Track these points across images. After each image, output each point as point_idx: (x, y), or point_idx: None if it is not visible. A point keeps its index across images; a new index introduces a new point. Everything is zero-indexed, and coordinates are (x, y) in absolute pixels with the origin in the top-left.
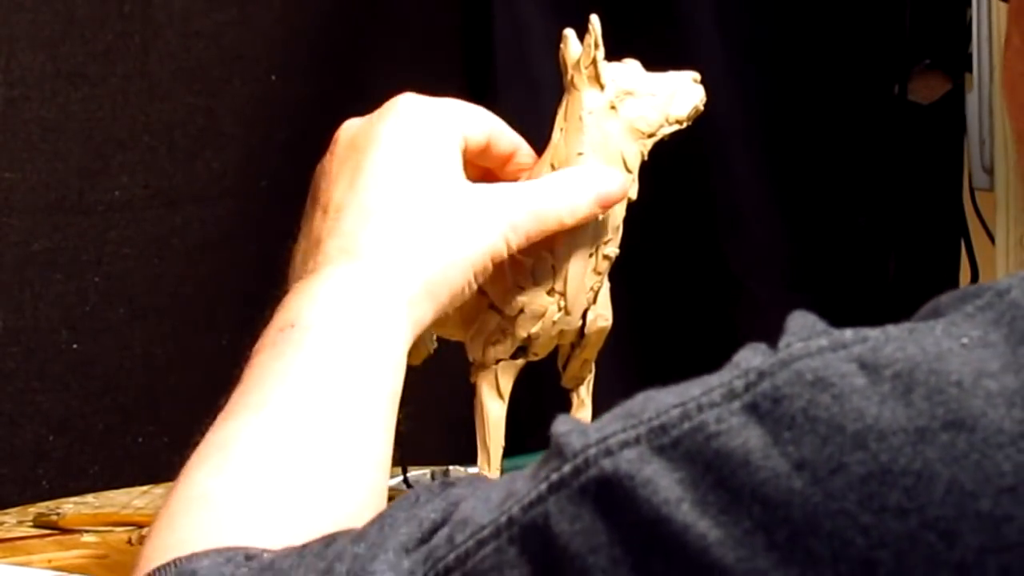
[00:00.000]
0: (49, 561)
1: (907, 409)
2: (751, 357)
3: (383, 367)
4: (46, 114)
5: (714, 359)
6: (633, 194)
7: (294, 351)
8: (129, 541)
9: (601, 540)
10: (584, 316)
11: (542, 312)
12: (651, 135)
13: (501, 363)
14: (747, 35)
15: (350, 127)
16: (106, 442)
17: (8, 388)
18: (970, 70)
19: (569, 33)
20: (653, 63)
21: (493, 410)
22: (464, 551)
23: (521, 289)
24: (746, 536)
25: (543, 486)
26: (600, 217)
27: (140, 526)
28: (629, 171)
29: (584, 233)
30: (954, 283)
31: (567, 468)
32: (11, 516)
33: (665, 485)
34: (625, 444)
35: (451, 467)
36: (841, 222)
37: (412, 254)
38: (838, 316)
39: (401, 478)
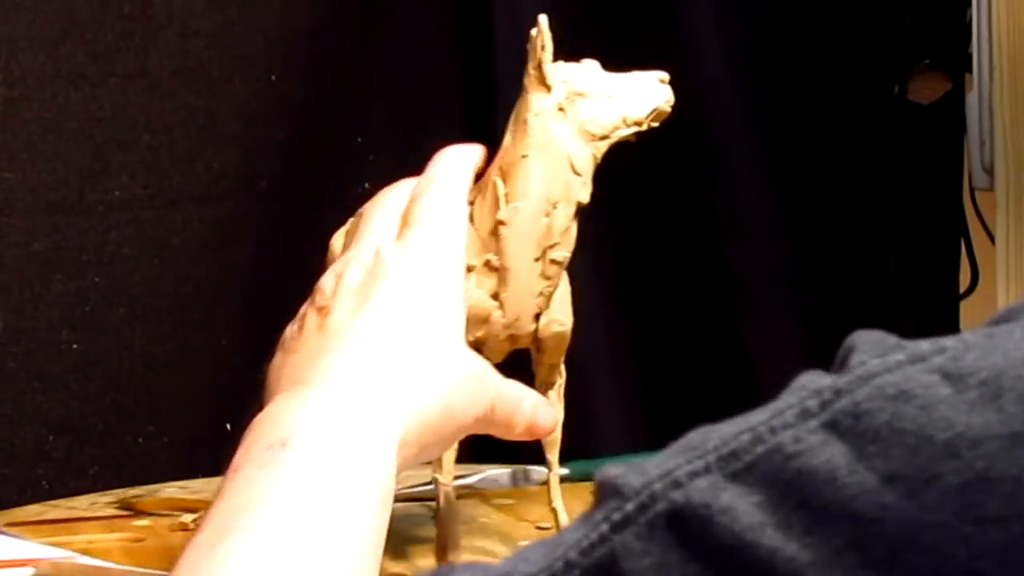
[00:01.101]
0: (90, 542)
1: (998, 415)
2: (818, 379)
3: (371, 500)
4: (46, 114)
5: (714, 359)
6: (584, 198)
7: (283, 472)
8: (184, 527)
9: (676, 573)
10: (537, 321)
11: (486, 316)
12: (604, 137)
13: None
14: (747, 35)
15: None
16: (106, 442)
17: (8, 388)
18: (970, 70)
19: (535, 33)
20: (653, 63)
21: None
22: None
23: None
24: (837, 555)
25: (604, 527)
26: (544, 221)
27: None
28: (578, 174)
29: (528, 238)
30: (954, 283)
31: (630, 506)
32: (108, 496)
33: (745, 510)
34: (694, 474)
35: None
36: (841, 222)
37: (410, 400)
38: (838, 316)
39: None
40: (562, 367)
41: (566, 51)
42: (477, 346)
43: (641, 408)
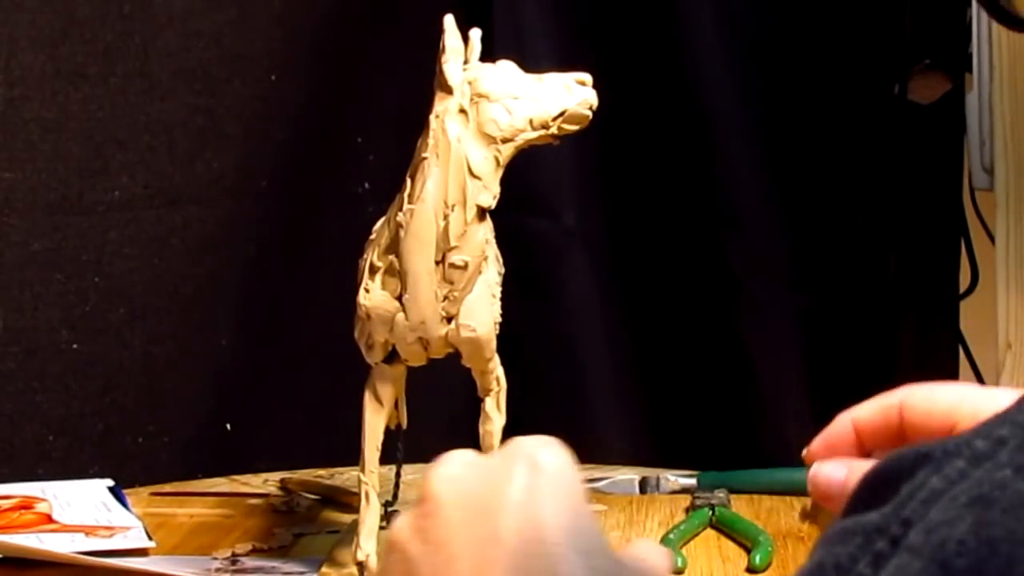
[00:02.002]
0: (191, 516)
1: None
2: (864, 520)
3: None
4: (46, 114)
5: (714, 359)
6: (485, 201)
7: None
8: (273, 508)
9: None
10: (448, 325)
11: (390, 317)
12: (507, 140)
13: (377, 367)
14: (747, 34)
15: (459, 481)
16: (106, 442)
17: (8, 388)
18: (970, 70)
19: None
20: (653, 63)
21: (369, 413)
22: None
23: (367, 292)
24: None
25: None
26: (441, 224)
27: (324, 498)
28: (476, 177)
29: (424, 241)
30: (954, 283)
31: None
32: (274, 474)
33: None
34: None
35: None
36: (841, 222)
37: None
38: (838, 316)
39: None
40: (501, 375)
41: (565, 51)
42: (394, 348)
43: (641, 408)
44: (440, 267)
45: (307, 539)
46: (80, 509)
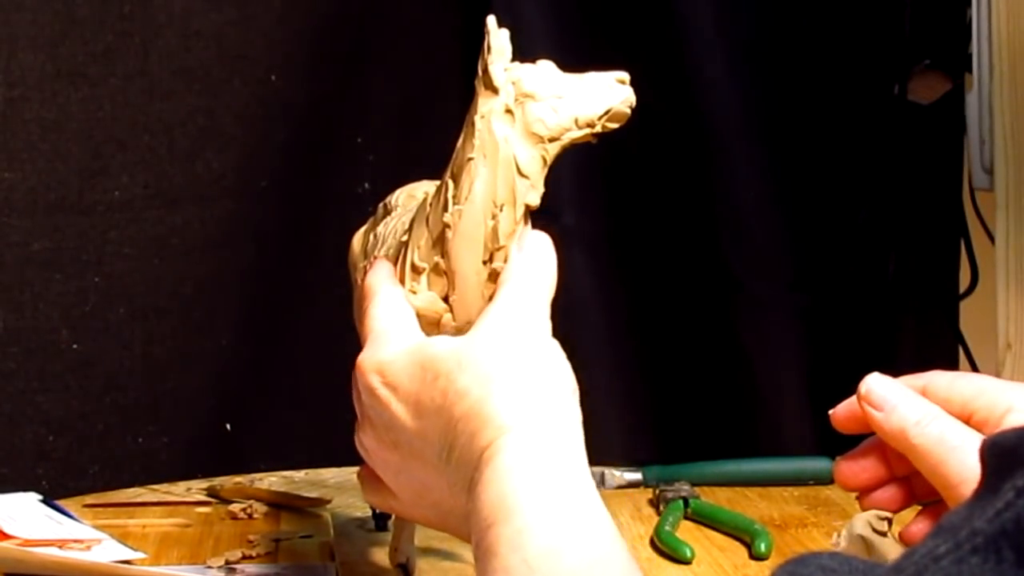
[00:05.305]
0: (143, 527)
1: None
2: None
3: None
4: (46, 114)
5: (714, 359)
6: (533, 200)
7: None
8: (232, 515)
9: None
10: None
11: (437, 318)
12: (553, 139)
13: None
14: (747, 35)
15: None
16: (106, 442)
17: (8, 388)
18: (970, 70)
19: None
20: (653, 63)
21: None
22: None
23: (414, 293)
24: None
25: (1010, 494)
26: (490, 224)
27: (271, 504)
28: (524, 176)
29: (473, 241)
30: (954, 283)
31: None
32: (198, 482)
33: None
34: None
35: None
36: (841, 222)
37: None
38: (838, 316)
39: None
40: None
41: (565, 51)
42: None
43: (640, 408)
44: (487, 266)
45: (286, 544)
46: (28, 523)
